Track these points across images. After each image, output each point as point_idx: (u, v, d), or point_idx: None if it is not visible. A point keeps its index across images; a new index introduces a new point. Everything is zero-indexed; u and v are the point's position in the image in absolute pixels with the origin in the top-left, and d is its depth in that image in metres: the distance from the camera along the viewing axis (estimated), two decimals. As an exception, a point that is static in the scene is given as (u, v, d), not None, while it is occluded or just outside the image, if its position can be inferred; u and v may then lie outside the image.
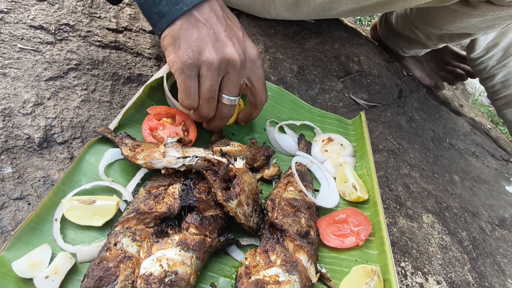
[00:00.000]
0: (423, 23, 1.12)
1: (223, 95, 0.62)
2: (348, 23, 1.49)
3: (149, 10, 0.58)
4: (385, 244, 0.60)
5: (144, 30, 0.94)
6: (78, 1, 0.87)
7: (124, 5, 0.96)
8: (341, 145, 0.81)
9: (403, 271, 0.63)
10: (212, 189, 0.58)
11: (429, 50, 1.37)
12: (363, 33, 1.52)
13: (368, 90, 1.10)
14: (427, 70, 1.52)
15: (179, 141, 0.63)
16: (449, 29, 1.03)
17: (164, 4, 0.56)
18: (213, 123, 0.69)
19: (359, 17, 2.41)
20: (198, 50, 0.56)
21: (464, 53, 1.45)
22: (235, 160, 0.63)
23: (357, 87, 1.09)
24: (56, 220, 0.55)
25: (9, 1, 0.79)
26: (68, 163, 0.65)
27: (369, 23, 2.43)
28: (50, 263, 0.51)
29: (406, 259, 0.65)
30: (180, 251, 0.51)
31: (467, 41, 1.13)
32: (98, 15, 0.89)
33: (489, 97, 1.30)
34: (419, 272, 0.64)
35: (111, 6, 0.93)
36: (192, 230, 0.55)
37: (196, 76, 0.59)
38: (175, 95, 0.77)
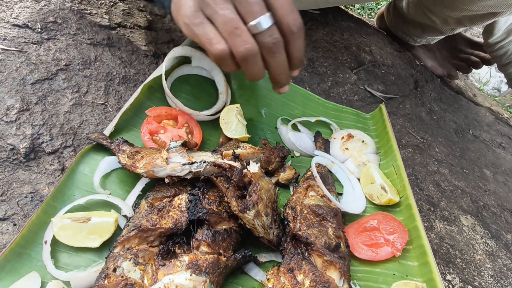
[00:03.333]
0: (440, 6, 1.04)
1: (249, 24, 0.48)
2: (354, 14, 1.41)
3: None
4: (427, 254, 0.51)
5: (139, 26, 0.86)
6: (66, -3, 0.80)
7: (117, 0, 0.88)
8: (363, 141, 0.73)
9: (450, 286, 0.55)
10: (225, 199, 0.50)
11: (443, 36, 1.29)
12: (369, 23, 1.45)
13: (383, 81, 1.02)
14: (439, 59, 1.44)
15: (184, 145, 0.55)
16: (472, 9, 0.95)
17: None
18: (270, 66, 0.52)
19: (359, 9, 2.33)
20: None
21: (478, 39, 1.37)
22: (248, 163, 0.55)
23: (371, 78, 1.01)
24: (45, 242, 0.48)
25: (-11, -1, 0.72)
26: (59, 176, 0.57)
27: (370, 16, 2.35)
28: (39, 295, 0.43)
29: (451, 271, 0.57)
30: (191, 275, 0.43)
31: (488, 22, 1.05)
32: (89, 11, 0.81)
33: (510, 84, 1.22)
34: (470, 287, 0.56)
35: (102, 3, 0.85)
36: (204, 248, 0.47)
37: (206, 20, 0.49)
38: (176, 94, 0.70)
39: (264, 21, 0.48)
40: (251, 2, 0.47)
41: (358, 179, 0.67)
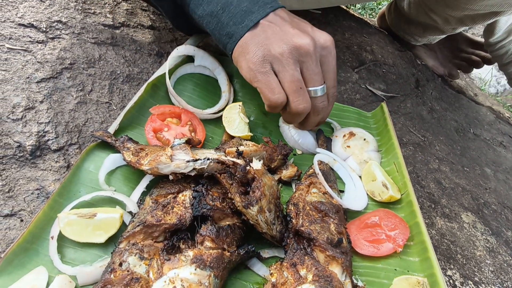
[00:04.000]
0: (442, 6, 1.05)
1: (309, 89, 0.57)
2: (355, 13, 1.42)
3: (219, 34, 0.59)
4: (428, 249, 0.52)
5: (142, 25, 0.87)
6: (70, -3, 0.81)
7: (120, 0, 0.89)
8: (364, 139, 0.74)
9: (451, 281, 0.56)
10: (229, 195, 0.51)
11: (444, 36, 1.29)
12: (370, 22, 1.45)
13: (384, 80, 1.03)
14: (440, 58, 1.44)
15: (188, 142, 0.56)
16: (474, 8, 0.95)
17: (231, 25, 0.57)
18: (309, 120, 0.62)
19: (360, 9, 2.34)
20: (266, 47, 0.54)
21: (479, 39, 1.38)
22: (251, 161, 0.56)
23: (373, 77, 1.01)
24: (52, 237, 0.49)
25: (-5, -1, 0.73)
26: (64, 173, 0.58)
27: (371, 16, 2.36)
28: (46, 289, 0.44)
29: (452, 266, 0.58)
30: (195, 269, 0.44)
31: (489, 22, 1.05)
32: (93, 10, 0.82)
33: (511, 83, 1.22)
34: (470, 282, 0.56)
35: (106, 2, 0.86)
36: (208, 243, 0.48)
37: (272, 71, 0.55)
38: (179, 92, 0.71)
39: (321, 90, 0.57)
40: (317, 72, 0.56)
41: (360, 177, 0.67)
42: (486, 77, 2.66)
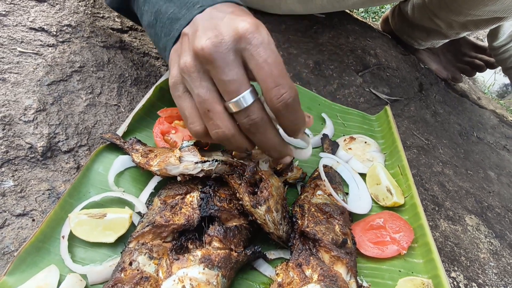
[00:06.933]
0: (445, 11, 1.06)
1: (226, 103, 0.43)
2: (358, 17, 1.43)
3: (158, 48, 0.55)
4: (432, 251, 0.53)
5: (150, 29, 0.88)
6: (80, 1, 0.82)
7: (128, 4, 0.91)
8: (365, 142, 0.75)
9: (455, 283, 0.56)
10: (237, 195, 0.52)
11: (447, 40, 1.30)
12: (374, 26, 1.46)
13: (388, 84, 1.04)
14: (443, 62, 1.45)
15: (196, 144, 0.57)
16: (477, 14, 0.96)
17: (163, 36, 0.51)
18: (257, 145, 0.48)
19: (363, 12, 2.35)
20: (178, 62, 0.44)
21: (482, 43, 1.39)
22: (257, 163, 0.57)
23: (377, 81, 1.02)
24: (63, 237, 0.50)
25: (7, 3, 0.75)
26: (74, 174, 0.59)
27: (374, 20, 2.38)
28: (58, 287, 0.45)
29: (456, 268, 0.58)
30: (204, 269, 0.44)
31: (492, 27, 1.06)
32: (102, 15, 0.84)
33: (515, 87, 1.23)
34: (474, 284, 0.57)
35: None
36: (216, 244, 0.48)
37: (186, 94, 0.45)
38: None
39: (243, 100, 0.41)
40: (226, 80, 0.40)
41: (365, 175, 0.68)
42: (490, 80, 2.66)
